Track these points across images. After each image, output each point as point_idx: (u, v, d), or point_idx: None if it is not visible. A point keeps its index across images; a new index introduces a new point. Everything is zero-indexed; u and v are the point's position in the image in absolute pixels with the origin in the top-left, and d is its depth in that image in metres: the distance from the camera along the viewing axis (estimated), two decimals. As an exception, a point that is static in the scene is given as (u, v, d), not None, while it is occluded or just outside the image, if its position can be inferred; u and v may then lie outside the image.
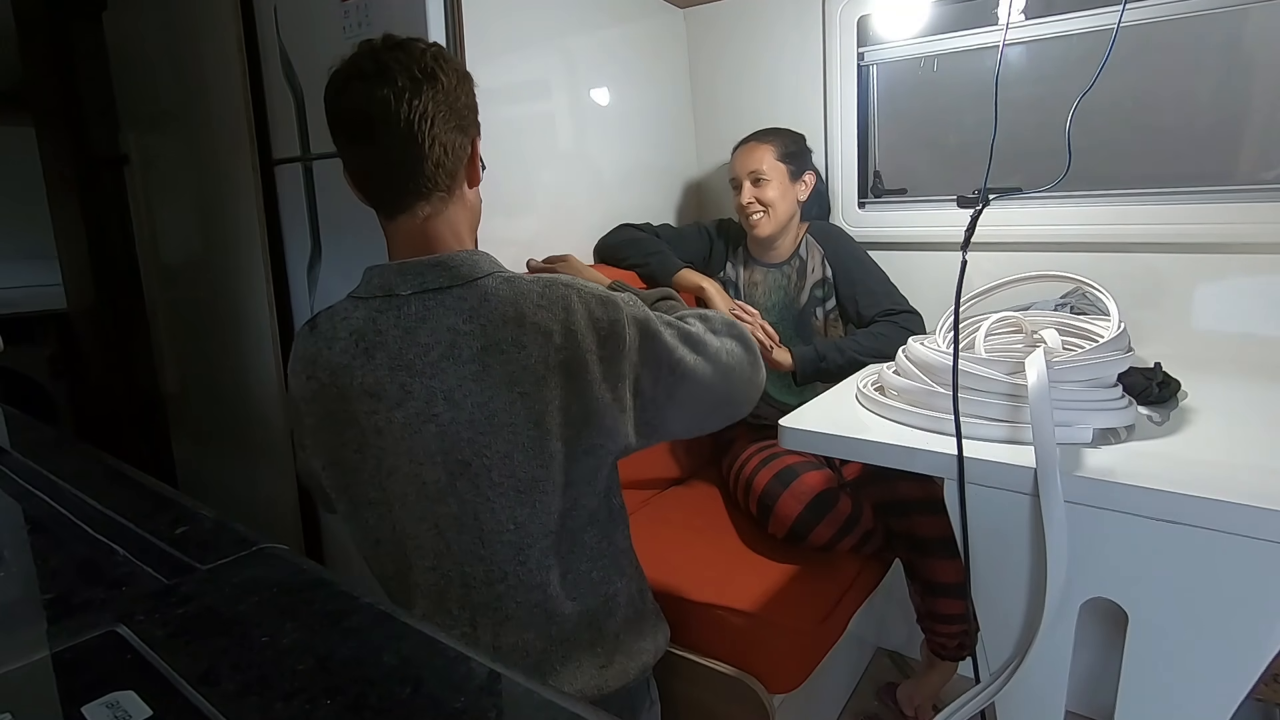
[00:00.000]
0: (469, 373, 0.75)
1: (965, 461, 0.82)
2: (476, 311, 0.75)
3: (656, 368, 0.80)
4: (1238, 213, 1.29)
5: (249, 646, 0.41)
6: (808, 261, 1.54)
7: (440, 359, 0.75)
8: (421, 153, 0.76)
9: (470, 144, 0.82)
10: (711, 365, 0.84)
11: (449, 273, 0.77)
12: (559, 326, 0.74)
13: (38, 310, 2.69)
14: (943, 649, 1.36)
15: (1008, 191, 0.96)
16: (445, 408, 0.76)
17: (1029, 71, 1.54)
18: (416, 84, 0.75)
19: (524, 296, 0.75)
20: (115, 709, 0.35)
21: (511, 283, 0.77)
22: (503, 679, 0.39)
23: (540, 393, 0.74)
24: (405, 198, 0.80)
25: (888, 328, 1.43)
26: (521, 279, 0.78)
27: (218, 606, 0.45)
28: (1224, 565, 0.70)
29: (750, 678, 1.10)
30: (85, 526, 0.56)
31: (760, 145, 1.49)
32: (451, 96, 0.77)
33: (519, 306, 0.74)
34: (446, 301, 0.76)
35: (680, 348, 0.82)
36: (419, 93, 0.75)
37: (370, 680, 0.38)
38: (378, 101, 0.75)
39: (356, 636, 0.42)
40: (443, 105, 0.76)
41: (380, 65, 0.75)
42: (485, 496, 0.77)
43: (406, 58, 0.76)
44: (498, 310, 0.75)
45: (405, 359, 0.76)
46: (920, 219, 1.63)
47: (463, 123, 0.79)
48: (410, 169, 0.78)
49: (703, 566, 1.26)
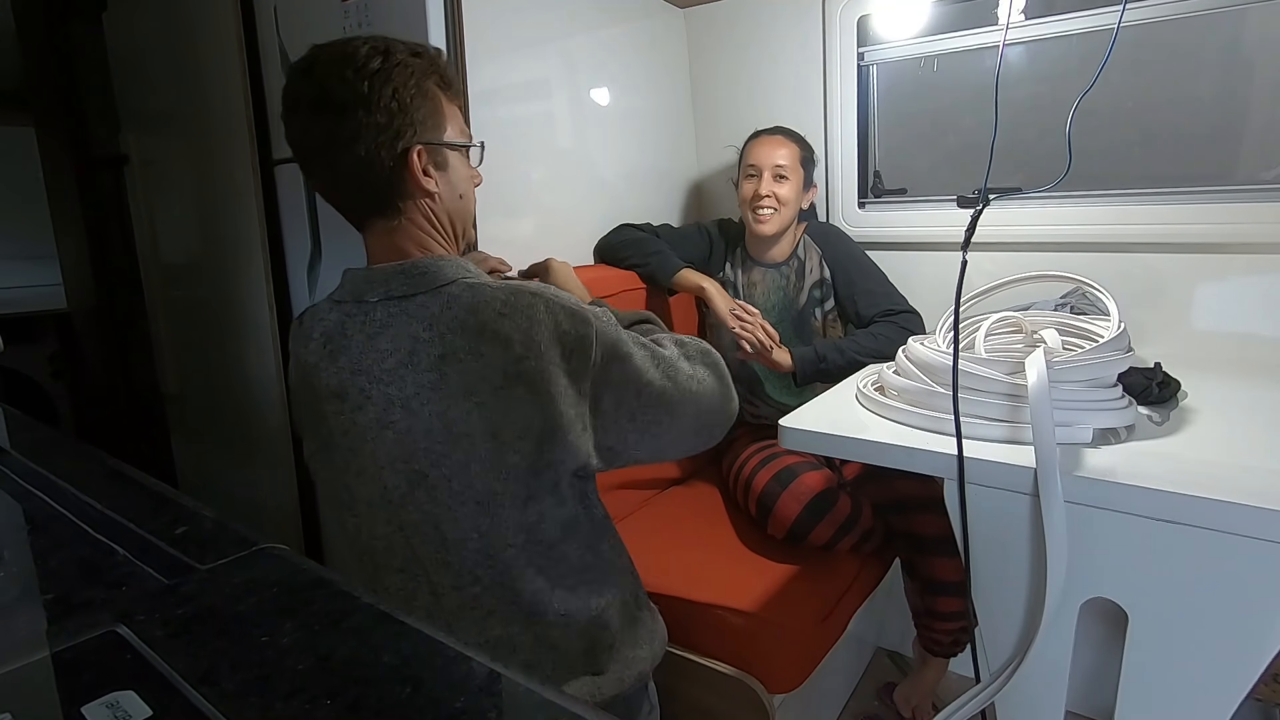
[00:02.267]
0: (427, 381, 0.73)
1: (965, 461, 0.82)
2: (437, 319, 0.73)
3: (622, 389, 0.78)
4: (1238, 213, 1.29)
5: (249, 646, 0.41)
6: (806, 262, 1.54)
7: (398, 366, 0.74)
8: (363, 180, 0.76)
9: (407, 158, 0.77)
10: (680, 392, 0.81)
11: (412, 280, 0.76)
12: (520, 336, 0.71)
13: (38, 310, 2.70)
14: (936, 645, 1.36)
15: (1008, 191, 0.96)
16: (402, 415, 0.75)
17: (1029, 71, 1.54)
18: (349, 111, 0.73)
19: (486, 304, 0.73)
20: (115, 709, 0.35)
21: (475, 289, 0.75)
22: (503, 679, 0.39)
23: (498, 404, 0.72)
24: (363, 216, 0.81)
25: (887, 328, 1.43)
26: (487, 286, 0.75)
27: (218, 606, 0.45)
28: (1224, 565, 0.70)
29: (750, 678, 1.10)
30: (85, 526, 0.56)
31: (788, 142, 1.49)
32: (387, 114, 0.74)
33: (480, 314, 0.72)
34: (409, 309, 0.75)
35: (650, 371, 0.79)
36: (353, 120, 0.73)
37: (370, 680, 0.38)
38: (313, 135, 0.76)
39: (356, 636, 0.42)
40: (374, 127, 0.74)
41: (316, 92, 0.74)
42: (446, 506, 0.76)
43: (339, 81, 0.73)
44: (457, 318, 0.73)
45: (364, 364, 0.76)
46: (920, 219, 1.63)
47: (396, 139, 0.75)
48: (358, 192, 0.78)
49: (703, 566, 1.26)
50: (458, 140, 0.83)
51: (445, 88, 0.82)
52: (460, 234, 0.87)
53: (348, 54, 0.74)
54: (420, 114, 0.77)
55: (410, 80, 0.76)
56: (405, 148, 0.76)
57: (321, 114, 0.74)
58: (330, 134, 0.74)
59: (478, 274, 0.80)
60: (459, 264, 0.79)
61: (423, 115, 0.77)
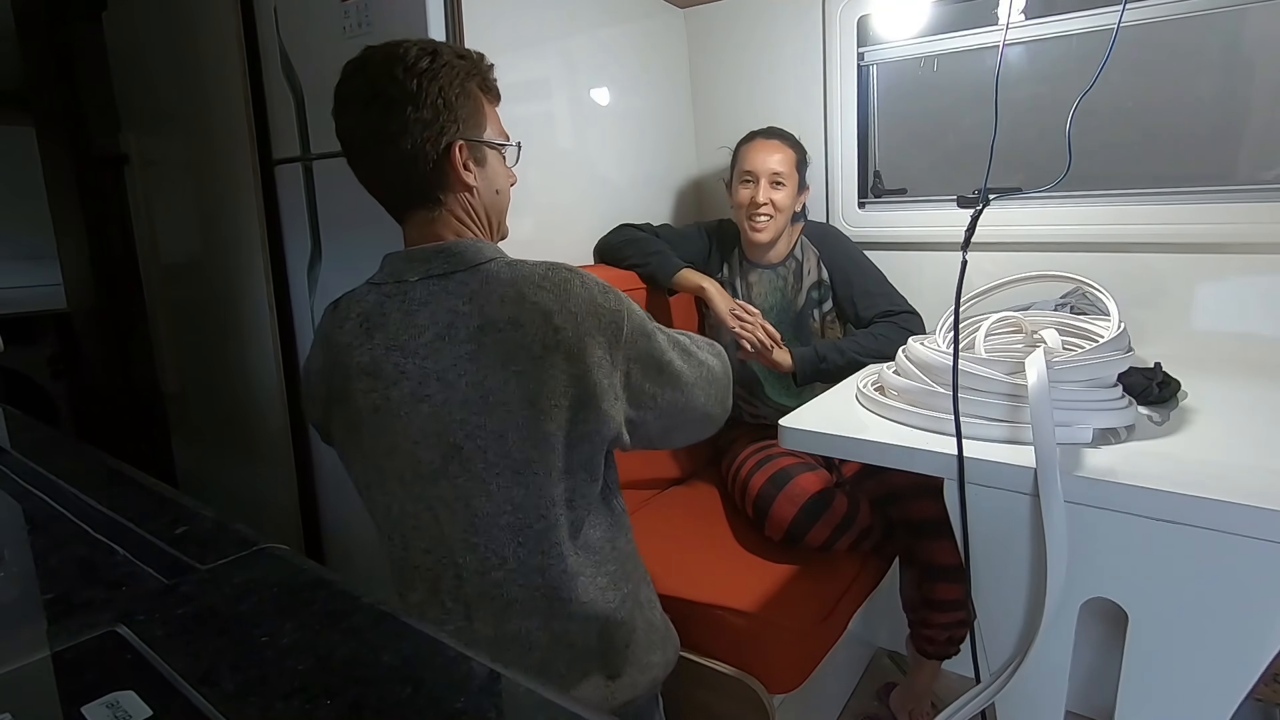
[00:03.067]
0: (464, 352, 0.76)
1: (965, 461, 0.82)
2: (477, 294, 0.77)
3: (648, 364, 0.81)
4: (1238, 213, 1.29)
5: (249, 646, 0.41)
6: (803, 263, 1.54)
7: (435, 339, 0.77)
8: (408, 172, 0.80)
9: (450, 152, 0.81)
10: (695, 375, 0.86)
11: (453, 259, 0.80)
12: (558, 307, 0.75)
13: (38, 310, 2.70)
14: (930, 644, 1.34)
15: (1008, 191, 0.96)
16: (438, 388, 0.77)
17: (1029, 71, 1.54)
18: (398, 107, 0.77)
19: (525, 278, 0.77)
20: (115, 709, 0.35)
21: (514, 266, 0.79)
22: (503, 679, 0.39)
23: (537, 372, 0.75)
24: (406, 208, 0.84)
25: (887, 328, 1.43)
26: (525, 263, 0.80)
27: (218, 606, 0.45)
28: (1224, 565, 0.70)
29: (750, 678, 1.10)
30: (85, 526, 0.56)
31: (785, 147, 1.48)
32: (433, 110, 0.78)
33: (519, 287, 0.76)
34: (450, 286, 0.78)
35: (670, 351, 0.84)
36: (401, 115, 0.77)
37: (370, 680, 0.38)
38: (363, 129, 0.80)
39: (356, 636, 0.42)
40: (421, 123, 0.78)
41: (368, 89, 0.78)
42: (480, 479, 0.78)
43: (389, 79, 0.77)
44: (497, 291, 0.76)
45: (400, 340, 0.79)
46: (920, 219, 1.63)
47: (441, 134, 0.79)
48: (403, 184, 0.82)
49: (703, 567, 1.26)
50: (497, 139, 0.87)
51: (486, 90, 0.86)
52: (496, 228, 0.92)
53: (398, 54, 0.78)
54: (463, 112, 0.81)
55: (456, 80, 0.80)
56: (449, 142, 0.80)
57: (371, 109, 0.78)
58: (379, 128, 0.78)
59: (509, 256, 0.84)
60: (495, 247, 0.84)
61: (465, 113, 0.81)
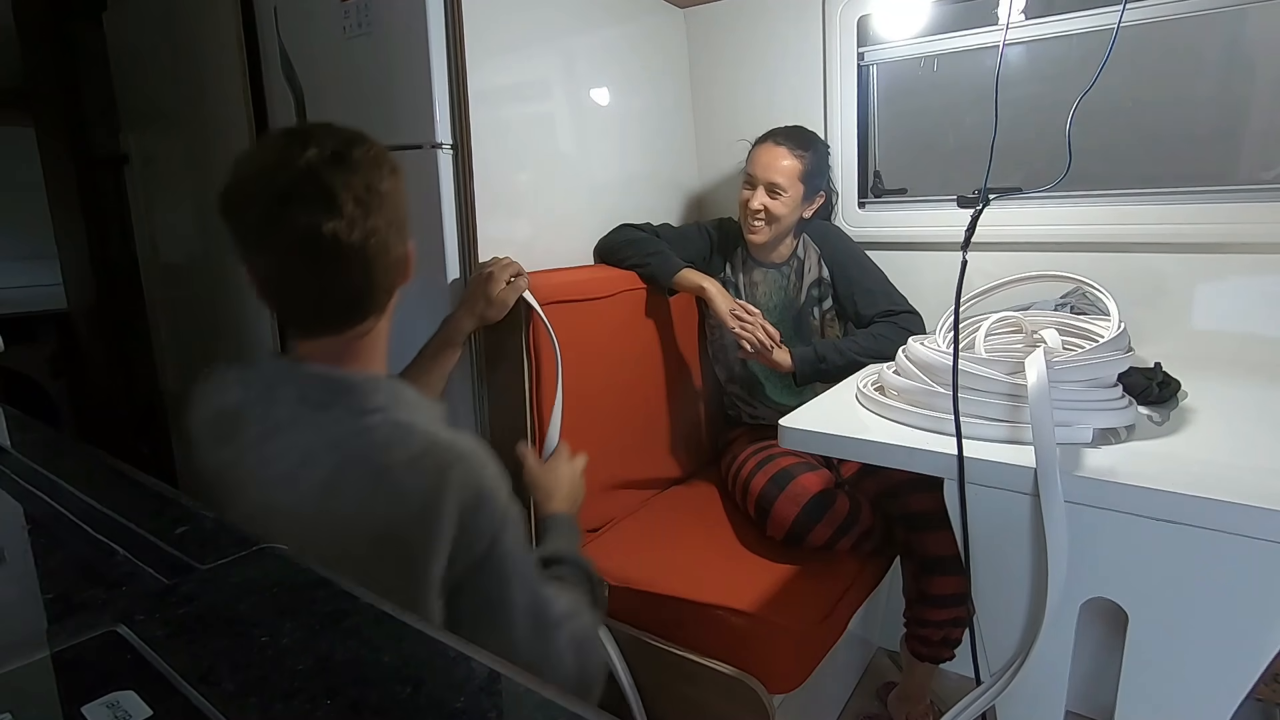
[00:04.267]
0: (313, 493, 0.69)
1: (965, 461, 0.82)
2: (342, 443, 0.69)
3: (481, 598, 0.70)
4: (1238, 213, 1.29)
5: (249, 646, 0.41)
6: (805, 261, 1.54)
7: (287, 471, 0.70)
8: (370, 279, 0.73)
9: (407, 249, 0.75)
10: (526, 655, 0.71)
11: (334, 393, 0.72)
12: (419, 497, 0.66)
13: (38, 310, 2.69)
14: (924, 644, 1.34)
15: (1008, 191, 0.96)
16: (284, 499, 0.70)
17: (1029, 71, 1.54)
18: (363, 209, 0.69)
19: (399, 450, 0.68)
20: (115, 709, 0.35)
21: (396, 429, 0.70)
22: (502, 679, 0.39)
23: (373, 549, 0.67)
24: (335, 323, 0.76)
25: (887, 328, 1.43)
26: (408, 429, 0.70)
27: (218, 606, 0.45)
28: (1224, 565, 0.71)
29: (750, 678, 1.10)
30: (85, 526, 0.56)
31: (790, 156, 1.45)
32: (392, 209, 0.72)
33: (389, 458, 0.68)
34: (319, 421, 0.71)
35: (520, 612, 0.71)
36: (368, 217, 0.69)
37: (370, 680, 0.38)
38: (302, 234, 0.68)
39: (356, 636, 0.42)
40: (396, 225, 0.72)
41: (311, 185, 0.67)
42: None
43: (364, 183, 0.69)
44: (363, 452, 0.68)
45: (249, 462, 0.73)
46: (920, 219, 1.63)
47: (404, 229, 0.74)
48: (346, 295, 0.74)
49: (703, 566, 1.26)
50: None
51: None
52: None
53: (380, 149, 0.71)
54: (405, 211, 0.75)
55: (396, 176, 0.73)
56: (406, 248, 0.75)
57: (369, 210, 0.68)
58: (377, 231, 0.69)
59: (411, 405, 0.74)
60: (394, 391, 0.74)
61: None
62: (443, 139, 1.23)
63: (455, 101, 1.22)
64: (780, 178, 1.44)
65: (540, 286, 1.24)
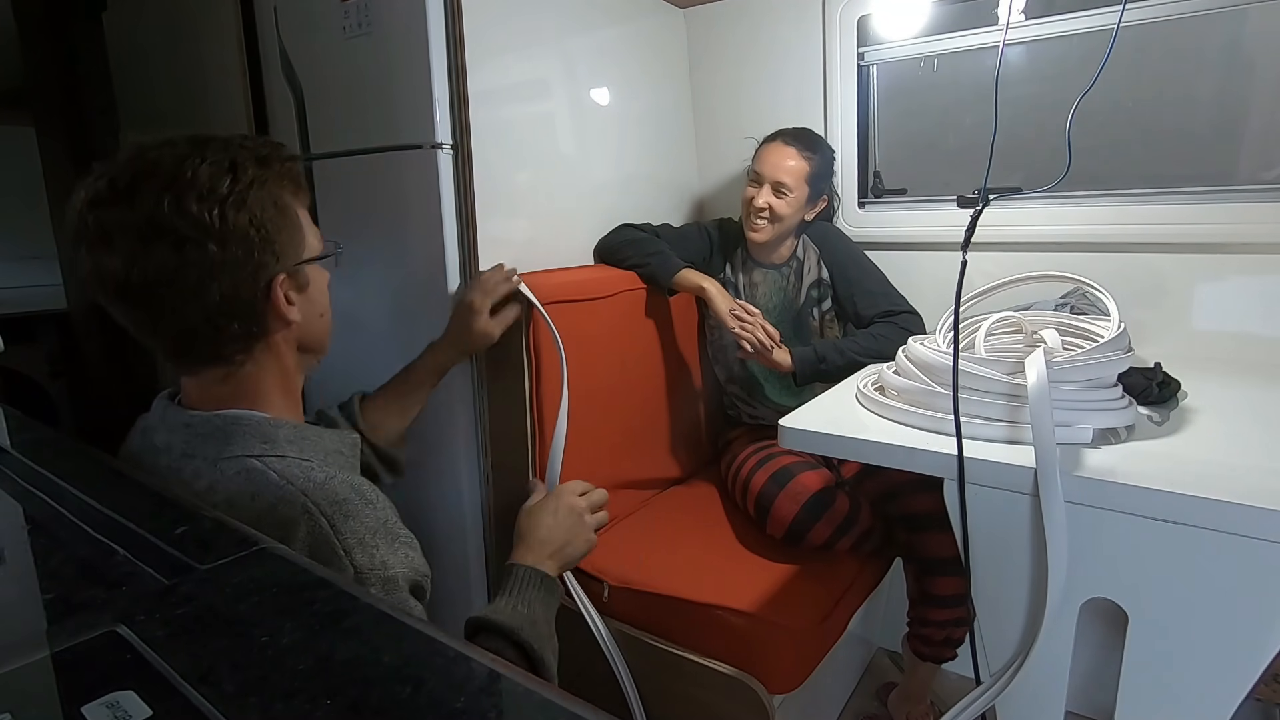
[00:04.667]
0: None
1: (965, 461, 0.82)
2: (204, 497, 0.67)
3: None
4: (1238, 213, 1.29)
5: (249, 646, 0.41)
6: (804, 262, 1.54)
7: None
8: (212, 323, 0.68)
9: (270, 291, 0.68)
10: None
11: (196, 439, 0.70)
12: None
13: (38, 310, 2.69)
14: (926, 644, 1.34)
15: (1008, 191, 0.96)
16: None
17: (1029, 71, 1.54)
18: (195, 247, 0.63)
19: (246, 505, 0.65)
20: (115, 709, 0.35)
21: (248, 476, 0.67)
22: (503, 679, 0.39)
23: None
24: (194, 365, 0.73)
25: (887, 328, 1.43)
26: (263, 476, 0.66)
27: (218, 606, 0.45)
28: (1224, 565, 0.70)
29: (750, 678, 1.10)
30: (85, 526, 0.56)
31: (799, 157, 1.44)
32: (245, 246, 0.65)
33: (236, 512, 0.65)
34: (184, 471, 0.70)
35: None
36: (202, 258, 0.63)
37: (370, 680, 0.38)
38: (142, 274, 0.64)
39: (356, 636, 0.42)
40: (232, 264, 0.65)
41: (146, 224, 0.62)
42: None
43: (179, 213, 0.62)
44: (216, 505, 0.66)
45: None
46: (920, 219, 1.63)
47: (258, 272, 0.66)
48: (194, 341, 0.70)
49: (703, 566, 1.26)
50: (317, 250, 0.73)
51: (298, 191, 0.71)
52: (319, 353, 0.79)
53: (184, 176, 0.62)
54: (282, 236, 0.67)
55: (267, 199, 0.66)
56: (269, 280, 0.67)
57: (154, 250, 0.62)
58: (170, 276, 0.62)
59: (281, 445, 0.70)
60: (259, 430, 0.70)
61: (284, 237, 0.68)
62: (443, 139, 1.23)
63: (455, 101, 1.22)
64: (787, 177, 1.44)
65: (540, 286, 1.24)
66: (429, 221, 1.25)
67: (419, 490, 1.39)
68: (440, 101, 1.21)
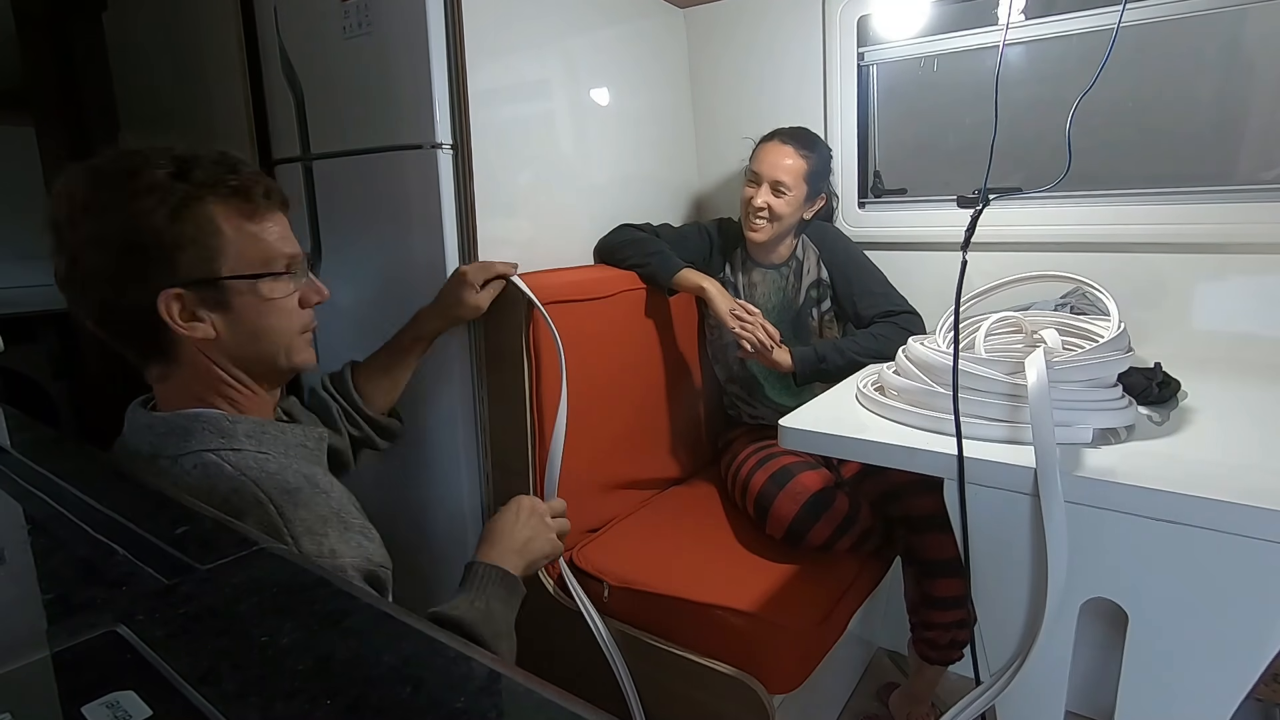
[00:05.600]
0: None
1: (965, 461, 0.82)
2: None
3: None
4: (1238, 213, 1.29)
5: (249, 646, 0.41)
6: (804, 262, 1.54)
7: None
8: (112, 326, 0.72)
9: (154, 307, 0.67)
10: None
11: (157, 439, 0.72)
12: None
13: (38, 310, 2.69)
14: (932, 646, 1.34)
15: (1008, 191, 0.96)
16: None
17: (1029, 71, 1.54)
18: (69, 250, 0.68)
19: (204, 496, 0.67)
20: (115, 709, 0.35)
21: (205, 470, 0.68)
22: (503, 679, 0.39)
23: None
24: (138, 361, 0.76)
25: (887, 328, 1.43)
26: (218, 469, 0.68)
27: (218, 606, 0.45)
28: (1224, 565, 0.70)
29: (750, 678, 1.10)
30: (85, 526, 0.56)
31: (797, 155, 1.45)
32: (114, 255, 0.66)
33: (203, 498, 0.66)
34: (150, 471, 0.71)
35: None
36: (78, 261, 0.67)
37: (370, 680, 0.38)
38: (58, 269, 0.69)
39: (356, 636, 0.42)
40: (101, 274, 0.67)
41: (48, 215, 0.69)
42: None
43: (64, 203, 0.67)
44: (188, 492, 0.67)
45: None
46: (920, 219, 1.63)
47: (138, 283, 0.67)
48: (114, 337, 0.73)
49: (703, 566, 1.26)
50: (251, 269, 0.69)
51: (242, 202, 0.69)
52: (270, 371, 0.77)
53: (105, 186, 0.66)
54: (188, 252, 0.66)
55: (161, 206, 0.64)
56: (152, 296, 0.66)
57: (63, 251, 0.67)
58: (62, 276, 0.67)
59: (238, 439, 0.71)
60: (216, 425, 0.71)
61: (193, 253, 0.66)
62: (443, 139, 1.23)
63: (455, 102, 1.22)
64: (785, 176, 1.44)
65: (540, 286, 1.24)
66: (429, 221, 1.25)
67: (419, 490, 1.39)
68: (440, 101, 1.21)
